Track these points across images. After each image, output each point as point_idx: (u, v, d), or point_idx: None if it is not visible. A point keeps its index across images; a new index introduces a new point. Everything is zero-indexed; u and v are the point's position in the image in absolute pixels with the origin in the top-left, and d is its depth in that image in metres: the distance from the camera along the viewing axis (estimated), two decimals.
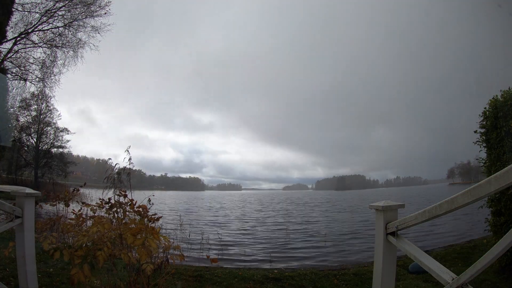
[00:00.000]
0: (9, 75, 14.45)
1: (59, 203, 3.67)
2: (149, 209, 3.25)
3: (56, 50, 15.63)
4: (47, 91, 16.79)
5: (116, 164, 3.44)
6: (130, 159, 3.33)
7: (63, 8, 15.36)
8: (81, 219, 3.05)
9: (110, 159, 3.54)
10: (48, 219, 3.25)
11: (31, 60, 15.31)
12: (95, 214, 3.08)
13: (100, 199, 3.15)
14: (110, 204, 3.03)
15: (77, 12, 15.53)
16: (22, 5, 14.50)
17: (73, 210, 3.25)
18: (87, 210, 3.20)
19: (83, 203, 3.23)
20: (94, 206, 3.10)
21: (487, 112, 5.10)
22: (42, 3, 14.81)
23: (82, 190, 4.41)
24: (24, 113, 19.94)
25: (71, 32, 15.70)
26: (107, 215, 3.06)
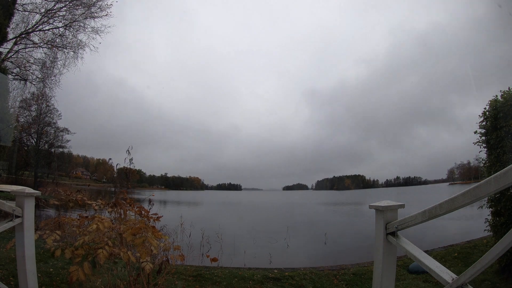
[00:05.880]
0: (9, 76, 14.47)
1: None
2: (149, 209, 3.26)
3: (56, 50, 15.65)
4: (47, 91, 16.81)
5: (117, 165, 3.45)
6: (131, 159, 3.34)
7: (64, 8, 15.39)
8: (82, 218, 3.05)
9: (110, 159, 3.54)
10: (52, 219, 3.26)
11: (31, 61, 15.34)
12: (97, 214, 3.09)
13: (100, 199, 3.16)
14: (111, 204, 3.05)
15: (77, 13, 15.56)
16: (22, 5, 14.54)
17: (79, 214, 3.24)
18: (87, 210, 3.21)
19: (83, 205, 3.24)
20: (96, 203, 3.11)
21: (487, 113, 5.10)
22: (42, 4, 14.85)
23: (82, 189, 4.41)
24: (25, 113, 19.98)
25: (72, 33, 15.73)
26: (108, 214, 3.07)
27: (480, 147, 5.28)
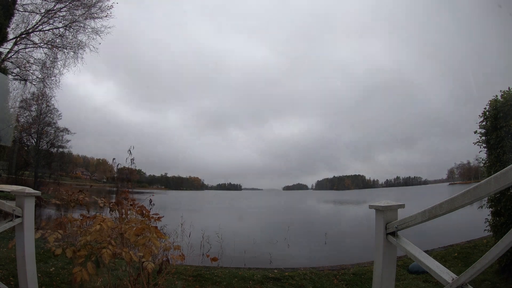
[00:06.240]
0: (10, 76, 14.47)
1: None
2: (150, 209, 3.27)
3: (57, 51, 15.66)
4: (47, 92, 16.82)
5: (118, 164, 3.46)
6: (132, 159, 3.34)
7: (64, 9, 15.40)
8: (84, 218, 3.06)
9: (114, 159, 3.54)
10: (54, 219, 3.25)
11: (31, 61, 15.35)
12: (98, 214, 3.10)
13: (102, 198, 3.17)
14: (112, 204, 3.05)
15: (77, 14, 15.57)
16: (22, 5, 14.55)
17: (81, 214, 3.23)
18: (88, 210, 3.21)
19: (85, 204, 3.24)
20: (101, 200, 3.11)
21: (487, 113, 5.10)
22: (42, 4, 14.86)
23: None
24: (25, 113, 19.97)
25: (72, 34, 15.73)
26: (110, 214, 3.08)
27: (480, 147, 5.28)
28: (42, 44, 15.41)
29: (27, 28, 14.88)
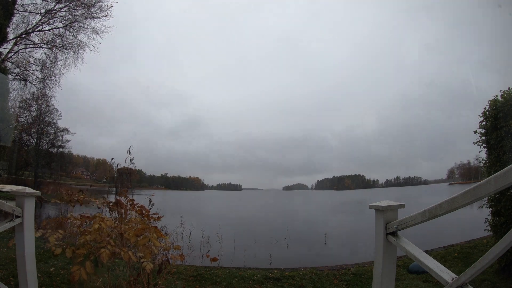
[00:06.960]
0: (10, 76, 14.48)
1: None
2: (149, 209, 3.27)
3: (57, 51, 15.66)
4: (47, 92, 16.81)
5: (117, 164, 3.46)
6: (132, 159, 3.34)
7: (64, 9, 15.40)
8: (83, 218, 3.05)
9: (113, 159, 3.54)
10: (54, 218, 3.24)
11: (31, 61, 15.34)
12: (98, 213, 3.10)
13: (102, 197, 3.17)
14: (111, 204, 3.05)
15: (77, 14, 15.56)
16: (23, 5, 14.56)
17: (79, 214, 3.22)
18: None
19: (85, 202, 3.23)
20: (99, 201, 3.12)
21: (487, 113, 5.10)
22: (42, 4, 14.86)
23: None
24: (25, 114, 19.97)
25: (72, 34, 15.73)
26: (109, 215, 3.08)
27: (480, 147, 5.29)
28: (42, 44, 15.42)
29: (27, 28, 14.89)
